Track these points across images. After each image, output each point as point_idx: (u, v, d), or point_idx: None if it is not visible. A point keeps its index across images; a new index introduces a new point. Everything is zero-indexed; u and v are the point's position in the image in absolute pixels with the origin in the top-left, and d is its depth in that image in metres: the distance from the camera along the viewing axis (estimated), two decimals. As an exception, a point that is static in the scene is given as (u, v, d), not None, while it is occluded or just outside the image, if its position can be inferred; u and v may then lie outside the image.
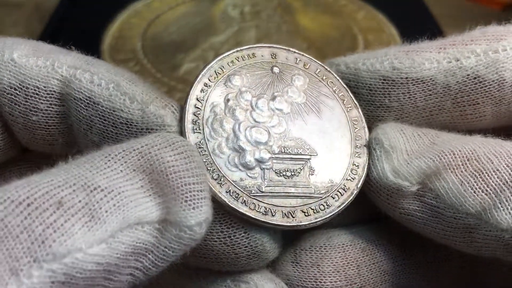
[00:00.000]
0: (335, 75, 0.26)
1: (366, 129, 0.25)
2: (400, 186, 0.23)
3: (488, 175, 0.22)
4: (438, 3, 0.65)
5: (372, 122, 0.26)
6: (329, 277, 0.25)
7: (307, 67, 0.26)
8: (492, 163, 0.22)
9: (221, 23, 0.61)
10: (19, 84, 0.23)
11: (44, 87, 0.23)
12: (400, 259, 0.26)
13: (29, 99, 0.23)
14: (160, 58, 0.56)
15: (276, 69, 0.25)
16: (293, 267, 0.25)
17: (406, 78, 0.25)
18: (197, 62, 0.55)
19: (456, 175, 0.22)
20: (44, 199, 0.18)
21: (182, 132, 0.23)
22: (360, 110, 0.25)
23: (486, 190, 0.22)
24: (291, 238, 0.26)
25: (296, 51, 0.26)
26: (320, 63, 0.26)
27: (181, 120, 0.23)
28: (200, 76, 0.24)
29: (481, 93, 0.25)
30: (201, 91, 0.24)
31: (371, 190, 0.24)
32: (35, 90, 0.23)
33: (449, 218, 0.23)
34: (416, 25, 0.59)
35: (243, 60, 0.25)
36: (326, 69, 0.26)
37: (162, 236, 0.20)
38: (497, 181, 0.22)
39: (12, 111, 0.24)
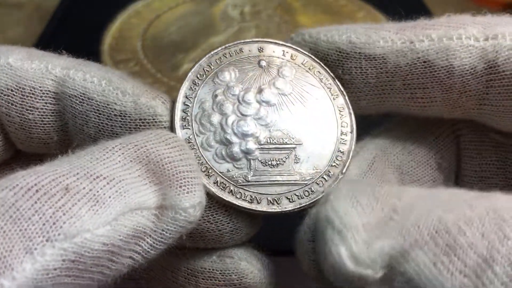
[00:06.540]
0: (322, 65, 0.27)
1: (353, 116, 0.26)
2: (362, 276, 0.19)
3: (463, 252, 0.18)
4: (439, 3, 0.65)
5: None
6: None
7: (294, 58, 0.26)
8: (465, 234, 0.18)
9: (221, 23, 0.61)
10: (16, 85, 0.25)
11: (40, 87, 0.25)
12: None
13: (25, 98, 0.25)
14: (160, 58, 0.56)
15: (263, 63, 0.26)
16: None
17: (359, 53, 0.25)
18: (197, 62, 0.55)
19: (426, 253, 0.19)
20: (51, 185, 0.19)
21: (172, 128, 0.24)
22: (346, 97, 0.26)
23: (465, 272, 0.18)
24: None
25: (284, 43, 0.27)
26: (308, 53, 0.27)
27: (171, 117, 0.24)
28: (189, 74, 0.25)
29: (430, 77, 0.25)
30: (190, 89, 0.25)
31: (331, 276, 0.21)
32: (31, 90, 0.25)
33: None
34: (416, 25, 0.59)
35: (230, 56, 0.26)
36: (313, 59, 0.27)
37: (159, 220, 0.21)
38: (475, 259, 0.18)
39: (9, 112, 0.25)
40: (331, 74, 0.26)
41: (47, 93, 0.25)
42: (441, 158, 0.28)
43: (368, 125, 0.28)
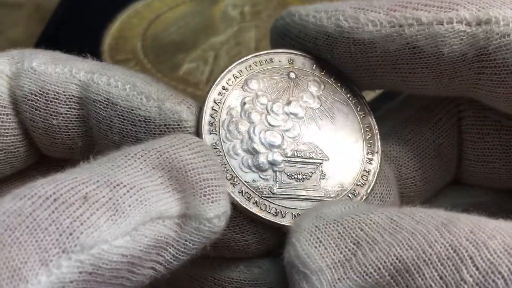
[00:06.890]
0: (351, 82, 0.26)
1: (378, 136, 0.26)
2: None
3: None
4: None
5: None
6: None
7: (323, 73, 0.26)
8: (424, 275, 0.18)
9: (221, 23, 0.61)
10: (39, 90, 0.24)
11: (64, 91, 0.24)
12: None
13: (49, 104, 0.24)
14: (160, 58, 0.56)
15: (292, 75, 0.26)
16: None
17: (348, 38, 0.24)
18: (197, 62, 0.55)
19: None
20: (69, 194, 0.18)
21: (198, 133, 0.24)
22: (373, 117, 0.26)
23: None
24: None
25: (313, 57, 0.26)
26: (337, 68, 0.26)
27: (198, 121, 0.24)
28: (219, 79, 0.25)
29: (419, 63, 0.24)
30: (218, 94, 0.25)
31: None
32: (55, 95, 0.24)
33: None
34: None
35: (260, 65, 0.26)
36: (342, 75, 0.26)
37: (182, 230, 0.20)
38: None
39: (33, 117, 0.25)
40: (359, 92, 0.26)
41: (71, 98, 0.24)
42: (441, 145, 0.28)
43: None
